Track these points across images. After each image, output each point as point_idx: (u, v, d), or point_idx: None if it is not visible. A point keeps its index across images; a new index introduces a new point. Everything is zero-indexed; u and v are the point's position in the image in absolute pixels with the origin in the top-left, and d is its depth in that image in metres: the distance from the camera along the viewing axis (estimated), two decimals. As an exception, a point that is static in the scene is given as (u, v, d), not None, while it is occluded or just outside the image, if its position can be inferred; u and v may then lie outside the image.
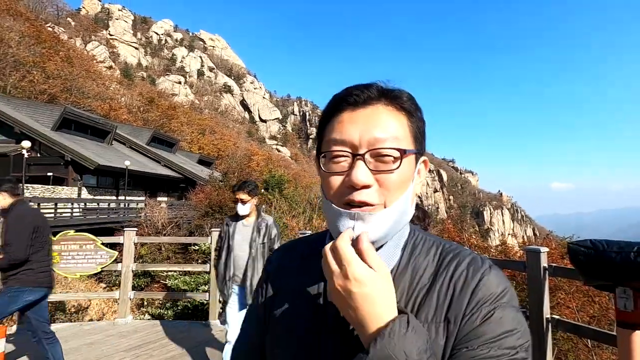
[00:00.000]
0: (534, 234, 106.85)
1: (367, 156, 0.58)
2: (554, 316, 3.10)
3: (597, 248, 1.48)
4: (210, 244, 5.40)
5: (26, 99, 29.92)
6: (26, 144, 17.68)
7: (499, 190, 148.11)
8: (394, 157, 0.58)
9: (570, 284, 6.36)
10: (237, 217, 3.24)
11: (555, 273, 3.14)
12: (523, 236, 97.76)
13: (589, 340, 5.48)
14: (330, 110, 0.64)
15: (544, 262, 3.12)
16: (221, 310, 5.40)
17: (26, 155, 17.75)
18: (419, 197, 0.70)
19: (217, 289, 3.36)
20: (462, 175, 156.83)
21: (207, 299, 5.38)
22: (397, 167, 0.58)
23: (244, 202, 3.13)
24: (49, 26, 57.92)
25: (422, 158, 0.65)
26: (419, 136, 0.63)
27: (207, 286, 6.19)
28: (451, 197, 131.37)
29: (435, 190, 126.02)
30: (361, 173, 0.56)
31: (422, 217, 2.10)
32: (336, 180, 0.60)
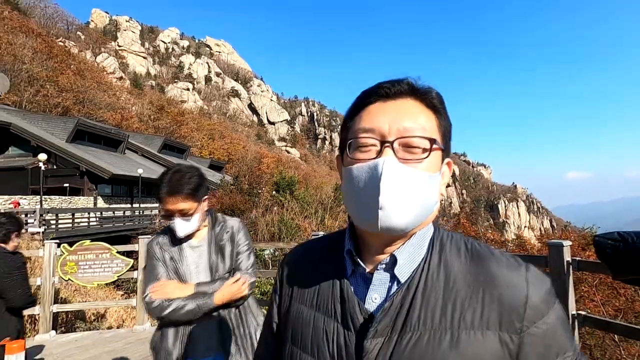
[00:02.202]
0: (551, 226, 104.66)
1: (395, 144, 0.57)
2: (580, 312, 2.99)
3: (626, 240, 1.40)
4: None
5: (41, 112, 30.79)
6: (42, 156, 18.13)
7: (513, 183, 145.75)
8: (423, 149, 0.58)
9: (593, 277, 6.16)
10: (175, 238, 1.67)
11: (580, 267, 3.02)
12: (540, 228, 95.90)
13: (615, 335, 5.29)
14: (359, 103, 0.63)
15: (567, 256, 3.01)
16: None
17: (43, 167, 18.21)
18: None
19: None
20: (475, 169, 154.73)
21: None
22: (426, 157, 0.58)
23: (185, 215, 1.58)
24: (60, 41, 59.46)
25: (447, 159, 0.64)
26: (446, 135, 0.62)
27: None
28: (464, 191, 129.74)
29: (448, 185, 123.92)
30: (388, 160, 0.56)
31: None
32: (361, 169, 0.58)
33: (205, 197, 1.69)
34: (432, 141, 0.58)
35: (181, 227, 1.61)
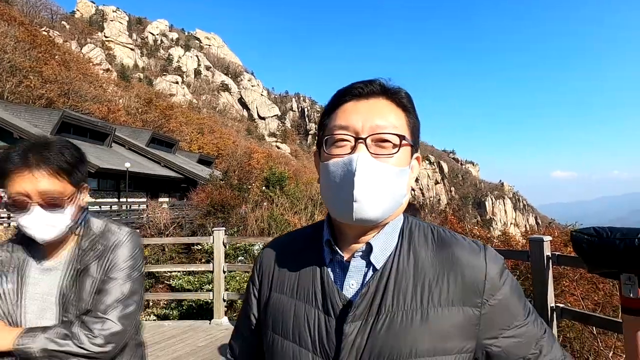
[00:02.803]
0: (537, 223, 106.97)
1: (368, 140, 0.62)
2: (558, 305, 3.10)
3: (601, 235, 1.47)
4: (213, 243, 5.41)
5: (24, 104, 29.90)
6: (26, 149, 17.68)
7: (500, 180, 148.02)
8: (393, 144, 0.63)
9: (574, 272, 6.35)
10: (27, 248, 1.09)
11: (559, 261, 3.13)
12: (525, 225, 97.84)
13: (594, 327, 5.48)
14: (334, 102, 0.68)
15: (547, 251, 3.11)
16: (226, 309, 5.44)
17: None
18: (419, 189, 0.74)
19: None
20: (463, 166, 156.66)
21: (211, 297, 5.41)
22: (396, 152, 0.63)
23: (51, 202, 0.98)
24: (44, 30, 57.68)
25: (416, 155, 0.69)
26: (415, 132, 0.68)
27: (210, 285, 6.22)
28: (452, 188, 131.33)
29: (437, 182, 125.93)
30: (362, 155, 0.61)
31: (412, 214, 2.08)
32: (337, 164, 0.63)
33: (85, 185, 1.09)
34: (402, 137, 0.63)
35: (41, 224, 0.97)
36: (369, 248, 0.65)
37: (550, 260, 3.09)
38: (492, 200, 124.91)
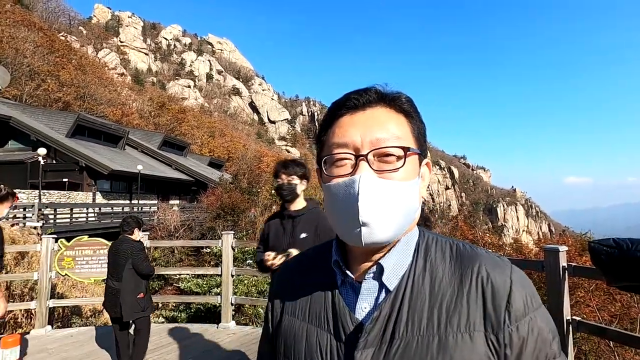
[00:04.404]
0: (550, 230, 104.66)
1: (370, 156, 0.57)
2: (574, 318, 2.99)
3: (621, 247, 1.40)
4: (222, 246, 5.41)
5: (41, 107, 30.69)
6: (42, 151, 18.09)
7: (513, 186, 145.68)
8: (398, 156, 0.58)
9: (589, 282, 6.17)
10: None
11: (575, 273, 3.03)
12: (538, 232, 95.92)
13: (610, 341, 5.30)
14: (329, 117, 0.63)
15: (563, 262, 3.02)
16: (234, 313, 5.43)
17: (42, 162, 18.16)
18: (430, 194, 0.69)
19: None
20: (474, 172, 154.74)
21: (219, 301, 5.40)
22: (402, 166, 0.58)
23: None
24: (62, 35, 59.21)
25: (425, 160, 0.64)
26: (420, 137, 0.63)
27: (219, 289, 6.22)
28: (463, 194, 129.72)
29: (447, 188, 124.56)
30: (365, 175, 0.56)
31: (421, 223, 2.04)
32: (339, 186, 0.58)
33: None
34: (406, 149, 0.58)
35: None
36: (380, 268, 0.60)
37: (567, 272, 3.00)
38: (503, 206, 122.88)
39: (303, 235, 2.11)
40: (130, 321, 3.74)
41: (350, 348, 0.58)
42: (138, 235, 3.89)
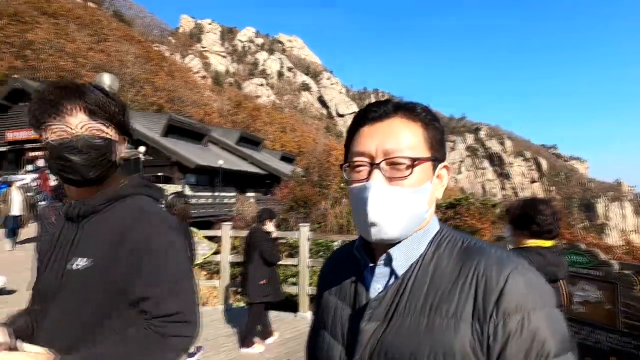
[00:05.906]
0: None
1: (382, 165, 0.66)
2: None
3: None
4: (298, 238, 5.57)
5: (140, 111, 35.11)
6: (142, 148, 20.71)
7: (617, 179, 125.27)
8: (407, 165, 0.65)
9: None
10: None
11: None
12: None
13: None
14: (353, 126, 0.72)
15: None
16: (310, 302, 5.57)
17: (142, 158, 20.78)
18: (512, 188, 0.62)
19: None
20: (567, 163, 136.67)
21: (296, 291, 5.57)
22: (410, 174, 0.65)
23: None
24: (155, 46, 66.84)
25: (443, 164, 0.71)
26: (435, 144, 0.69)
27: (295, 278, 6.42)
28: (553, 188, 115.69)
29: (533, 181, 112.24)
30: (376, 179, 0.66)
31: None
32: (356, 190, 0.68)
33: None
34: (414, 160, 0.65)
35: None
36: (389, 257, 0.69)
37: None
38: (605, 202, 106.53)
39: None
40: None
41: (359, 319, 0.68)
42: (270, 226, 4.20)
